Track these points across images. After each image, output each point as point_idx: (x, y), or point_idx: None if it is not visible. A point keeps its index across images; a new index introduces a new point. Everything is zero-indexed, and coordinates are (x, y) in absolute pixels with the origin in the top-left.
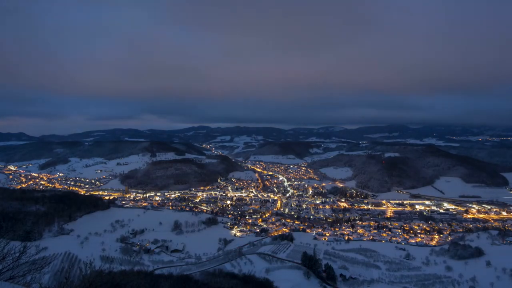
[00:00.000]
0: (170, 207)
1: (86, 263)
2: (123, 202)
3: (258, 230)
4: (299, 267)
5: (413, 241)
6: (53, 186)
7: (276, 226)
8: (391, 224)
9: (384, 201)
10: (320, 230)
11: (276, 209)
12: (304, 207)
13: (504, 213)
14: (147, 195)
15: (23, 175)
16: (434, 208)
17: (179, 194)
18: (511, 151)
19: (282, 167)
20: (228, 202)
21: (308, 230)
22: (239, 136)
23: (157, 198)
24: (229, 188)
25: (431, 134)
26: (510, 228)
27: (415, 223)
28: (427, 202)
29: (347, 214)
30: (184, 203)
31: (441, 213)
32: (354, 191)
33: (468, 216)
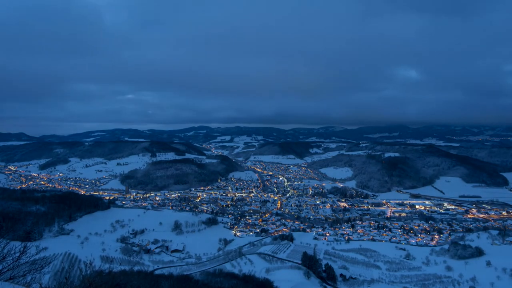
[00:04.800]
0: (170, 207)
1: (86, 263)
2: (123, 202)
3: (258, 230)
4: (299, 267)
5: (413, 241)
6: (53, 186)
7: (276, 226)
8: (391, 224)
9: (384, 201)
10: (320, 230)
11: (276, 209)
12: (304, 207)
13: (504, 213)
14: (147, 195)
15: (23, 175)
16: (434, 208)
17: (179, 194)
18: (511, 151)
19: (282, 167)
20: (228, 202)
21: (308, 230)
22: (239, 136)
23: (157, 198)
24: (229, 188)
25: (431, 134)
26: (510, 228)
27: (415, 223)
28: (427, 202)
29: (347, 214)
30: (184, 203)
31: (441, 213)
32: (354, 191)
33: (468, 216)
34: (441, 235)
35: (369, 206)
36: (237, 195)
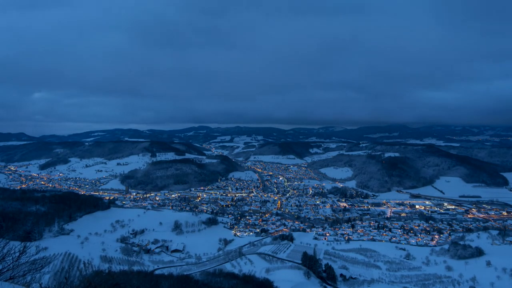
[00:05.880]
0: (170, 207)
1: (86, 263)
2: (123, 202)
3: (258, 230)
4: (299, 267)
5: (413, 241)
6: (53, 186)
7: (276, 226)
8: (391, 224)
9: (384, 201)
10: (320, 230)
11: (276, 209)
12: (304, 207)
13: (504, 213)
14: (147, 195)
15: (23, 175)
16: (434, 208)
17: (179, 194)
18: (511, 151)
19: (282, 167)
20: (228, 202)
21: (308, 230)
22: (239, 136)
23: (157, 198)
24: (229, 188)
25: (431, 134)
26: (510, 228)
27: (415, 223)
28: (427, 202)
29: (347, 214)
30: (184, 203)
31: (441, 213)
32: (354, 191)
33: (468, 216)
34: (441, 235)
35: (369, 206)
36: (237, 195)
